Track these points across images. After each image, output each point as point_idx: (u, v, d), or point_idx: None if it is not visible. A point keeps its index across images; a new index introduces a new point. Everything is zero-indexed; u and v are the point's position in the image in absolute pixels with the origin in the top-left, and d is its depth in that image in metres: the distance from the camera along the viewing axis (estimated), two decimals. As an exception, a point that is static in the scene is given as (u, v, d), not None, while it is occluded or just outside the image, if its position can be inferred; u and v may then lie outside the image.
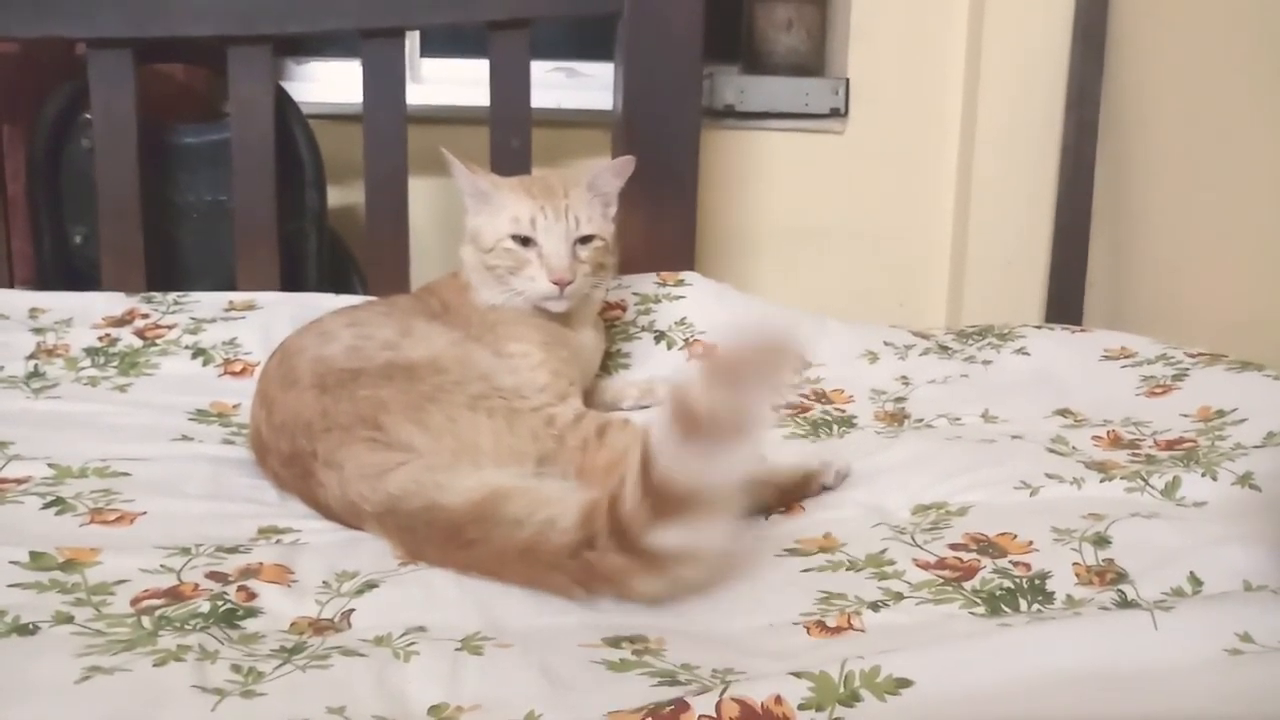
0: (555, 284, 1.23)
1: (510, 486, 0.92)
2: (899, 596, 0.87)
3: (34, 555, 0.89)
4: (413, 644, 0.78)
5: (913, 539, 0.96)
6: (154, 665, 0.73)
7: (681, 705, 0.65)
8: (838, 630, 0.82)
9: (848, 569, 0.92)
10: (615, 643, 0.79)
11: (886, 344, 1.52)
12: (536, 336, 1.25)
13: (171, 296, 1.56)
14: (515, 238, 1.25)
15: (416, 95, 1.79)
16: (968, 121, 2.08)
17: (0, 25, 1.63)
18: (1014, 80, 2.02)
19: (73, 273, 1.74)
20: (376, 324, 1.19)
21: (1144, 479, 1.04)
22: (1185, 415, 1.22)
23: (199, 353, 1.45)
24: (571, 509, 0.86)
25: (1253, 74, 1.62)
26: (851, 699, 0.66)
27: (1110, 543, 0.91)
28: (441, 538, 0.91)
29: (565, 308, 1.27)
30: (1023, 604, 0.85)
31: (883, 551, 0.94)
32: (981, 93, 2.04)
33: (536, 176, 1.38)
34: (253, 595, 0.85)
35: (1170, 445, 1.15)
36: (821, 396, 1.40)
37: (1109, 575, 0.87)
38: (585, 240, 1.27)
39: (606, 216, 1.31)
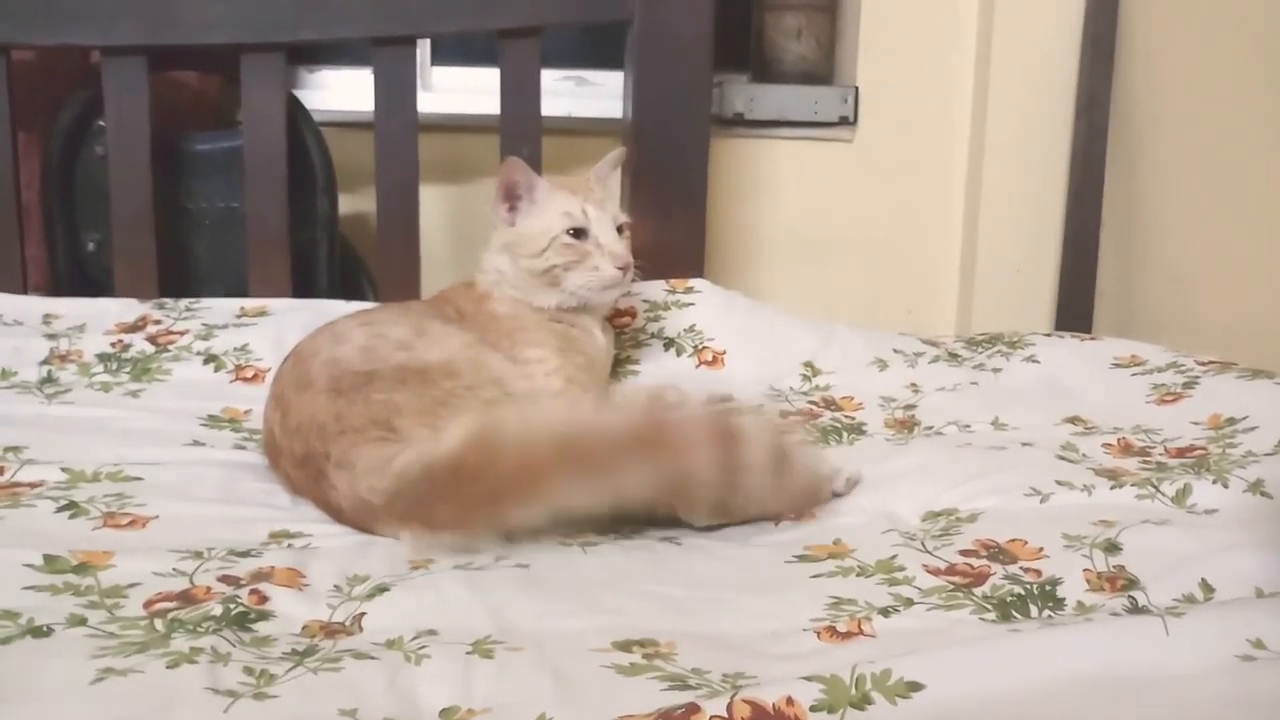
0: (621, 269, 1.26)
1: (501, 420, 0.95)
2: (909, 602, 0.87)
3: (48, 558, 0.89)
4: (424, 647, 0.78)
5: (923, 545, 0.96)
6: (167, 667, 0.73)
7: (692, 708, 0.65)
8: (848, 635, 0.82)
9: (858, 575, 0.92)
10: (626, 647, 0.79)
11: (896, 351, 1.52)
12: (554, 342, 1.26)
13: (183, 303, 1.57)
14: (571, 231, 1.26)
15: (427, 103, 1.80)
16: (977, 129, 2.08)
17: (17, 33, 1.64)
18: (1023, 88, 2.02)
19: (86, 279, 1.75)
20: (391, 324, 1.20)
21: (1155, 486, 1.04)
22: (1196, 423, 1.22)
23: (210, 358, 1.45)
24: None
25: (1262, 80, 1.62)
26: (863, 701, 0.67)
27: (1121, 549, 0.91)
28: (447, 491, 0.92)
29: (618, 295, 1.32)
30: (1033, 610, 0.85)
31: (893, 558, 0.94)
32: (991, 100, 2.04)
33: (562, 176, 1.40)
34: (265, 598, 0.85)
35: (1181, 453, 1.16)
36: (831, 404, 1.40)
37: (1120, 581, 0.87)
38: (619, 229, 1.30)
39: None
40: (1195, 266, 1.78)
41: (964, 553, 0.94)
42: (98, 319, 1.52)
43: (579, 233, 1.27)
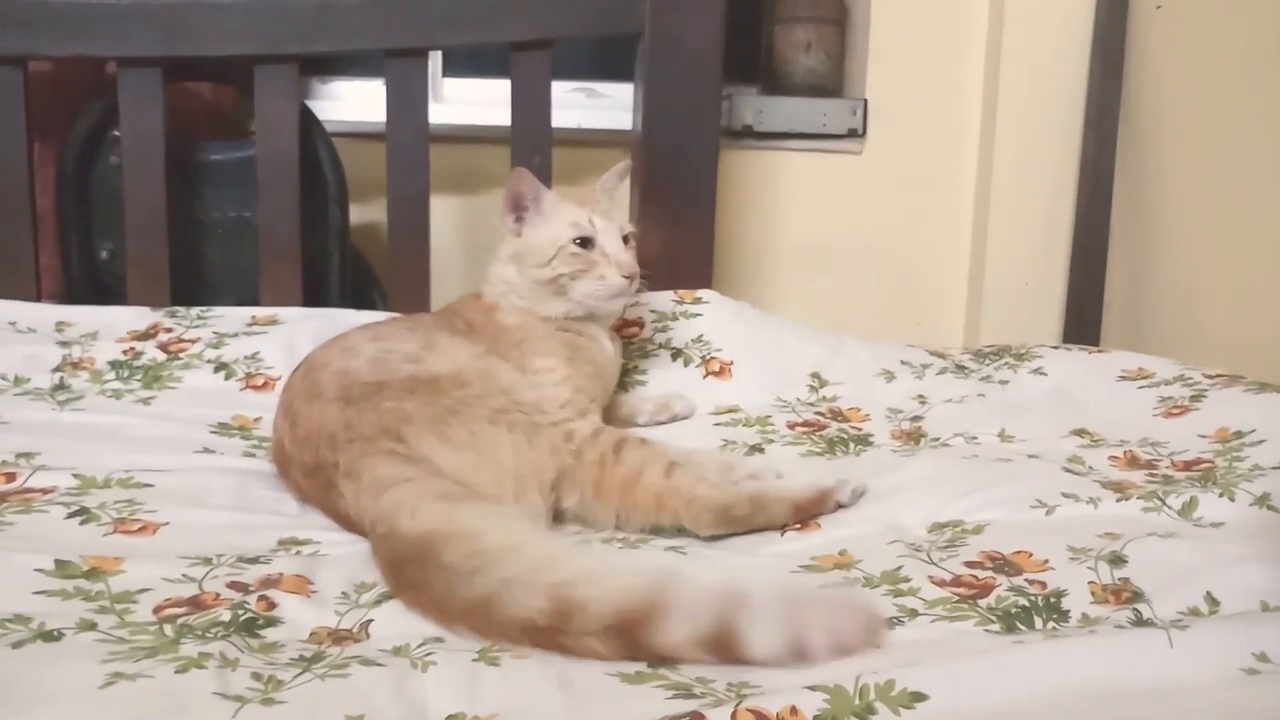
0: (627, 278, 1.27)
1: (452, 530, 0.88)
2: (914, 613, 0.87)
3: (59, 563, 0.90)
4: (430, 654, 0.79)
5: (928, 556, 0.96)
6: (176, 672, 0.74)
7: (697, 716, 0.65)
8: (852, 646, 0.82)
9: (863, 585, 0.92)
10: (631, 655, 0.79)
11: (903, 363, 1.53)
12: (563, 352, 1.27)
13: (195, 311, 1.58)
14: (578, 241, 1.27)
15: (439, 114, 1.81)
16: (985, 141, 2.09)
17: (34, 45, 1.66)
18: (1032, 100, 2.03)
19: (99, 287, 1.77)
20: (400, 337, 1.21)
21: (1161, 499, 1.04)
22: (1203, 436, 1.22)
23: (221, 367, 1.46)
24: (537, 592, 0.79)
25: (1271, 93, 1.62)
26: (866, 712, 0.67)
27: (1126, 562, 0.91)
28: (389, 570, 0.90)
29: (625, 304, 1.34)
30: (1038, 622, 0.85)
31: (898, 569, 0.94)
32: (999, 112, 2.04)
33: (570, 187, 1.41)
34: (273, 605, 0.86)
35: (1188, 466, 1.15)
36: (838, 415, 1.40)
37: (1125, 594, 0.87)
38: (625, 239, 1.31)
39: None
40: (1204, 279, 1.78)
41: (969, 564, 0.94)
42: (110, 327, 1.53)
43: (586, 242, 1.28)
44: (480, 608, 0.81)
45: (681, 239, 1.74)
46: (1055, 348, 1.58)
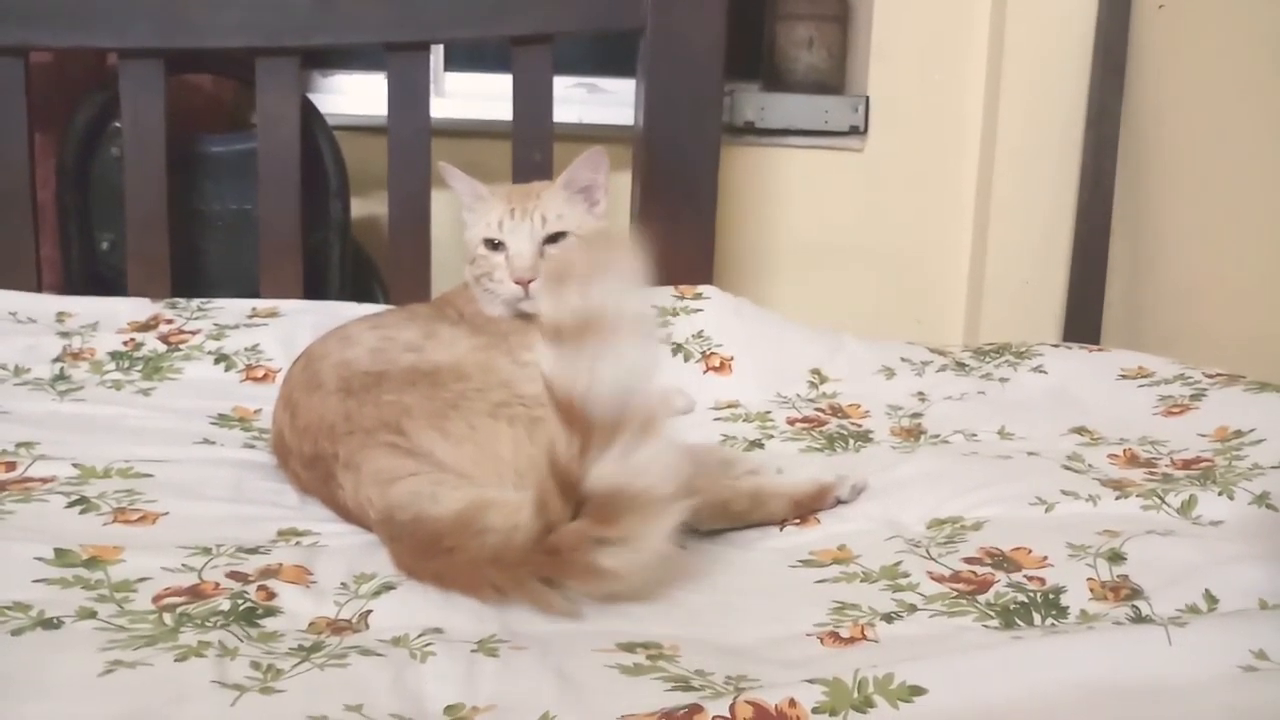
0: (517, 284, 1.24)
1: (495, 497, 0.91)
2: (912, 608, 0.87)
3: (59, 552, 0.90)
4: (429, 645, 0.79)
5: (927, 552, 0.97)
6: (175, 661, 0.74)
7: (695, 709, 0.65)
8: (851, 641, 0.82)
9: (862, 580, 0.92)
10: (629, 648, 0.80)
11: (903, 360, 1.53)
12: None
13: (195, 303, 1.58)
14: (487, 242, 1.27)
15: (440, 109, 1.81)
16: (987, 139, 2.09)
17: (35, 36, 1.66)
18: (1033, 99, 2.03)
19: (99, 279, 1.76)
20: (400, 326, 1.21)
21: (1160, 497, 1.04)
22: (1202, 435, 1.22)
23: (221, 358, 1.46)
24: (527, 505, 0.85)
25: (1273, 93, 1.62)
26: (865, 705, 0.67)
27: (1125, 559, 0.91)
28: (421, 547, 0.90)
29: (537, 308, 1.27)
30: (1036, 618, 0.85)
31: (897, 564, 0.94)
32: (1001, 111, 2.04)
33: (522, 184, 1.39)
34: (272, 595, 0.86)
35: (1187, 464, 1.15)
36: (838, 411, 1.40)
37: (1123, 591, 0.87)
38: (555, 239, 1.27)
39: (592, 214, 1.31)
40: (1204, 279, 1.78)
41: (968, 560, 0.95)
42: (110, 318, 1.53)
43: (497, 245, 1.26)
44: (480, 554, 0.84)
45: (682, 235, 1.74)
46: (1055, 346, 1.58)
